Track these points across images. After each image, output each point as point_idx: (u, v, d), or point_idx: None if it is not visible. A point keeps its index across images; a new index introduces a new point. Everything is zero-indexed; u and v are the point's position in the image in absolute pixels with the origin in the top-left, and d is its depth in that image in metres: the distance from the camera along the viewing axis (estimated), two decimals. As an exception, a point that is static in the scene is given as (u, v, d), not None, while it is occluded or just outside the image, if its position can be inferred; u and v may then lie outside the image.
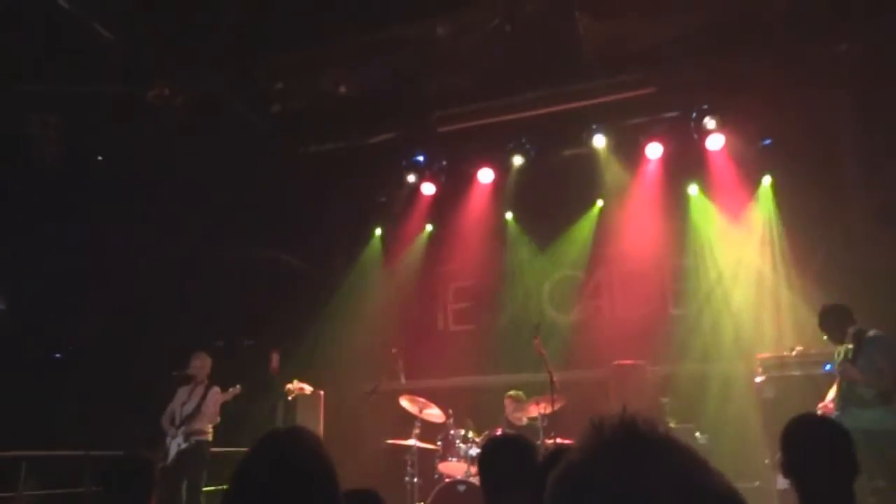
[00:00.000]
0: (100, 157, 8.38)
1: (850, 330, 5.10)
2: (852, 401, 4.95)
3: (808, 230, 7.78)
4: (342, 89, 8.08)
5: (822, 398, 5.39)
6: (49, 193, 7.68)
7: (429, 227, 9.94)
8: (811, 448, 2.31)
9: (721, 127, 7.99)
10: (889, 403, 4.87)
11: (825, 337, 5.42)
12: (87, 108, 7.33)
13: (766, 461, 5.94)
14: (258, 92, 8.06)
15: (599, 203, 9.16)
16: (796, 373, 6.11)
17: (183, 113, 7.56)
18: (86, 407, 7.42)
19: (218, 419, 6.63)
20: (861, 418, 4.75)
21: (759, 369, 6.46)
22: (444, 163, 9.24)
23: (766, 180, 8.34)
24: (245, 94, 7.99)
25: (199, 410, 6.51)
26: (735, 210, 8.27)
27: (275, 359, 8.25)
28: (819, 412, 5.30)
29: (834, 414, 5.02)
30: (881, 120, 7.38)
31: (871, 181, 7.62)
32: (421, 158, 9.16)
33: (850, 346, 5.14)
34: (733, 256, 8.38)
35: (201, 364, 6.78)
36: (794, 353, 6.44)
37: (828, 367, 5.45)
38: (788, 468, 2.33)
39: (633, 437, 0.81)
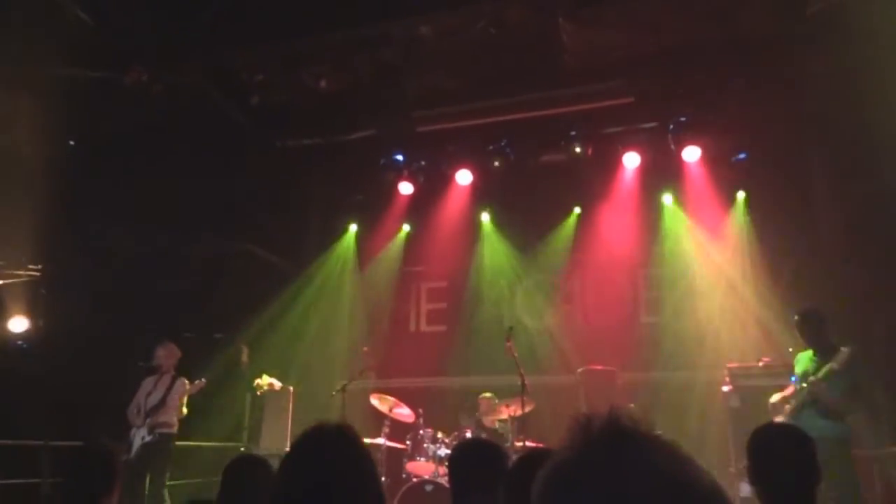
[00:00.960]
0: (71, 143, 8.20)
1: (844, 349, 5.15)
2: (811, 406, 5.05)
3: (779, 243, 7.94)
4: (323, 84, 8.02)
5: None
6: (15, 177, 7.50)
7: (406, 228, 9.91)
8: (777, 455, 2.34)
9: (697, 139, 8.11)
10: (842, 419, 4.99)
11: (792, 347, 5.50)
12: (61, 92, 7.17)
13: (731, 469, 6.04)
14: (238, 83, 7.97)
15: (577, 210, 9.23)
16: (763, 383, 6.20)
17: (160, 101, 7.45)
18: (47, 398, 7.25)
19: (184, 411, 6.53)
20: (815, 425, 4.87)
21: (727, 378, 6.56)
22: (423, 163, 9.23)
23: (741, 195, 8.49)
24: (224, 84, 7.89)
25: (165, 402, 6.40)
26: (709, 221, 8.40)
27: (244, 353, 8.15)
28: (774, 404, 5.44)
29: (788, 415, 5.11)
30: (848, 140, 7.56)
31: (839, 198, 7.80)
32: (400, 157, 9.13)
33: (814, 355, 5.25)
34: (705, 267, 8.52)
35: (166, 354, 6.67)
36: (761, 363, 6.56)
37: (794, 378, 5.54)
38: (754, 475, 2.37)
39: (620, 435, 0.82)
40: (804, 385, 5.13)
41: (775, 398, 5.53)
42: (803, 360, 5.38)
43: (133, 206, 7.91)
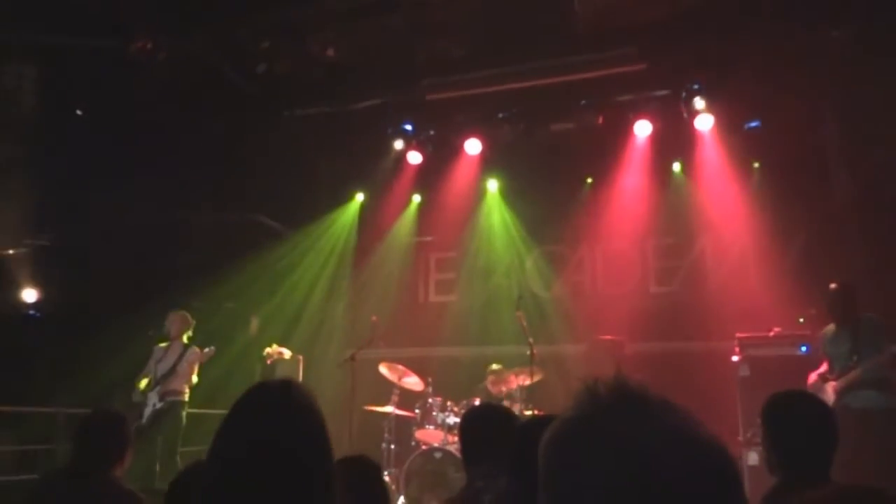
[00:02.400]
0: (79, 112, 8.17)
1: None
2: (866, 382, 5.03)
3: (791, 213, 7.84)
4: (330, 52, 7.92)
5: (804, 377, 5.48)
6: (24, 147, 7.49)
7: (416, 198, 9.86)
8: (795, 422, 2.32)
9: (710, 107, 7.97)
10: (885, 388, 5.00)
11: (801, 320, 5.48)
12: (67, 61, 7.12)
13: (740, 438, 6.05)
14: (244, 51, 7.88)
15: (589, 180, 9.14)
16: (772, 353, 6.18)
17: (165, 69, 7.39)
18: (61, 366, 7.35)
19: (195, 380, 6.59)
20: (871, 399, 4.94)
21: (737, 348, 6.54)
22: (432, 132, 9.14)
23: (755, 165, 8.37)
24: (230, 53, 7.80)
25: (175, 370, 6.47)
26: (720, 191, 8.29)
27: (254, 322, 8.21)
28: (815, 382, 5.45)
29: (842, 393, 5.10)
30: (865, 108, 7.41)
31: (853, 167, 7.67)
32: (408, 127, 9.04)
33: (837, 328, 5.23)
34: (715, 237, 8.45)
35: (177, 322, 6.71)
36: (771, 333, 6.53)
37: (804, 348, 5.52)
38: (771, 442, 2.34)
39: (627, 397, 0.82)
40: (855, 358, 5.09)
41: (813, 378, 5.49)
42: (833, 337, 5.33)
43: (141, 176, 7.90)
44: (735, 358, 6.56)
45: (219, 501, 1.39)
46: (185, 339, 6.71)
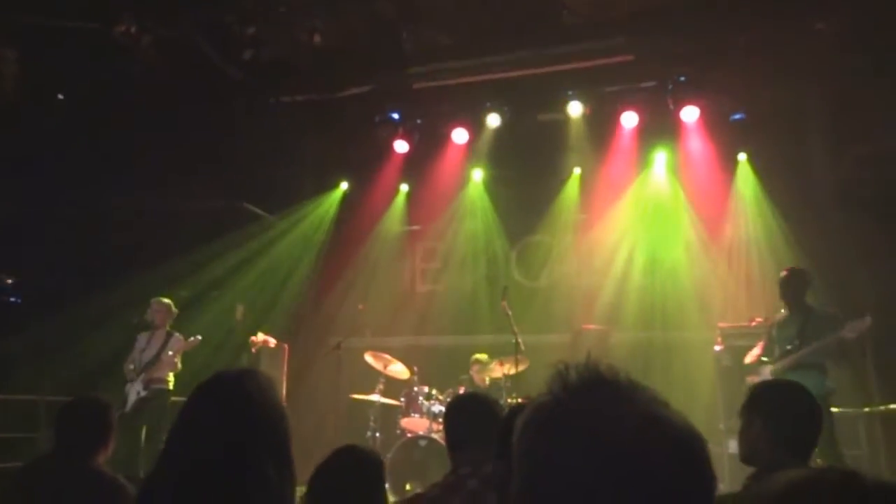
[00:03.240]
0: (60, 96, 8.05)
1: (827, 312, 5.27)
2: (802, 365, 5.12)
3: (775, 204, 7.94)
4: (317, 39, 7.85)
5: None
6: (3, 132, 7.37)
7: (404, 187, 9.84)
8: (786, 411, 2.33)
9: (696, 99, 8.02)
10: (821, 373, 5.08)
11: (783, 308, 5.55)
12: (48, 44, 7.00)
13: (721, 426, 6.13)
14: (230, 37, 7.79)
15: (577, 171, 9.16)
16: (753, 342, 6.26)
17: (150, 54, 7.30)
18: (42, 353, 7.28)
19: (178, 367, 6.56)
20: (806, 383, 4.94)
21: (719, 338, 6.62)
22: (419, 121, 9.12)
23: (742, 156, 8.43)
24: (216, 38, 7.72)
25: (159, 358, 6.43)
26: (704, 182, 8.36)
27: (239, 310, 8.16)
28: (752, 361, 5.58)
29: (774, 368, 5.20)
30: (848, 102, 7.49)
31: (836, 160, 7.76)
32: (395, 115, 9.01)
33: (790, 315, 5.34)
34: (700, 228, 8.52)
35: (160, 310, 6.66)
36: (753, 323, 6.61)
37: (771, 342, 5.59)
38: (757, 432, 2.32)
39: (597, 381, 0.85)
40: (797, 342, 5.18)
41: (749, 359, 5.63)
42: (784, 323, 5.43)
43: (124, 161, 7.81)
44: (717, 347, 6.65)
45: (176, 491, 1.39)
46: (168, 326, 6.67)
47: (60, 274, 7.55)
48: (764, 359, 5.50)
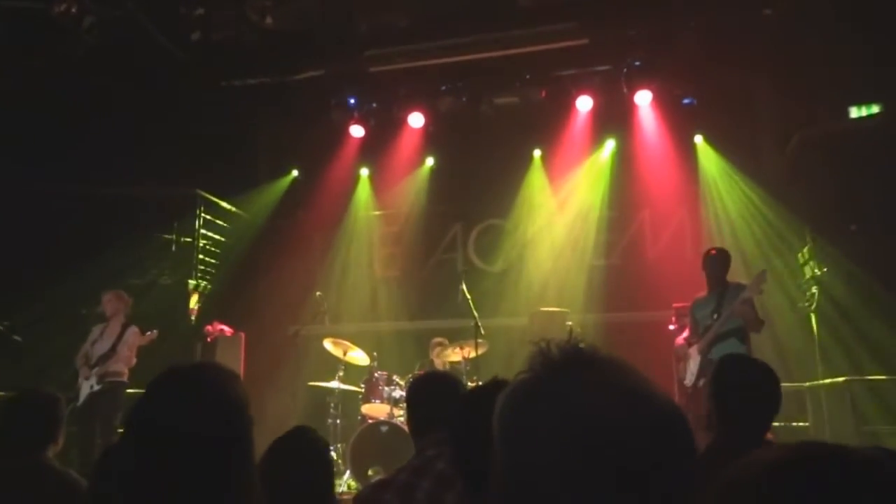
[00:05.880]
0: (-2, 79, 7.69)
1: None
2: (725, 336, 5.27)
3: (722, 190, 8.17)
4: (268, 21, 7.67)
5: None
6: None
7: (364, 172, 9.73)
8: (736, 385, 2.37)
9: (649, 83, 8.13)
10: (740, 337, 5.25)
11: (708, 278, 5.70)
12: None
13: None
14: (177, 17, 7.55)
15: (536, 153, 9.20)
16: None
17: (93, 35, 7.01)
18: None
19: (133, 361, 6.37)
20: (718, 349, 5.14)
21: (674, 318, 6.76)
22: (374, 105, 9.02)
23: (698, 139, 8.59)
24: (162, 18, 7.46)
25: (115, 351, 6.23)
26: (659, 165, 8.50)
27: (194, 298, 7.98)
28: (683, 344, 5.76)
29: (703, 349, 5.34)
30: (794, 87, 7.71)
31: (782, 143, 7.99)
32: (351, 100, 8.88)
33: (707, 293, 5.52)
34: (654, 210, 8.68)
35: (112, 301, 6.45)
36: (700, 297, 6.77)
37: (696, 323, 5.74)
38: (728, 412, 2.33)
39: (579, 358, 0.84)
40: (716, 317, 5.33)
41: (679, 341, 5.78)
42: (702, 302, 5.57)
43: (69, 147, 7.52)
44: (672, 327, 6.79)
45: (132, 487, 1.34)
46: (123, 317, 6.46)
47: (4, 263, 7.24)
48: (692, 339, 5.66)
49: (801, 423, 6.90)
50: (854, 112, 7.57)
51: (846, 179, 7.15)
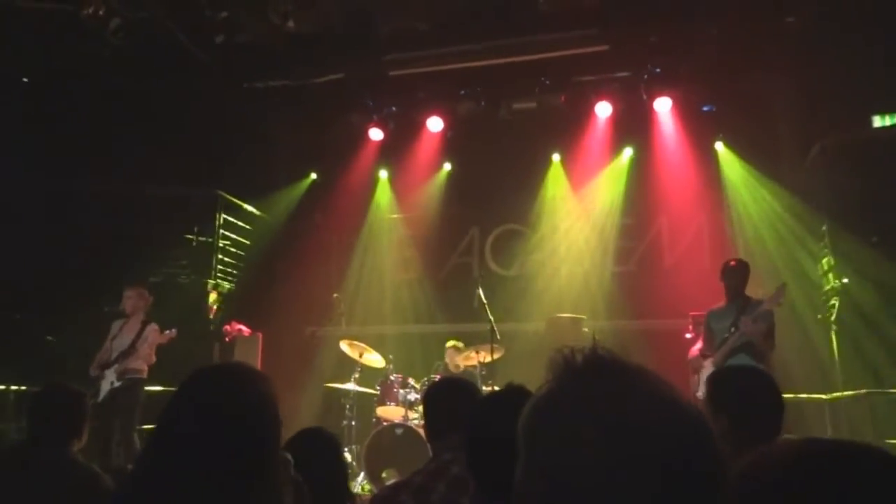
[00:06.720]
0: (25, 80, 7.84)
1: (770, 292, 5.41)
2: (741, 350, 5.24)
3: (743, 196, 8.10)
4: (290, 24, 7.75)
5: None
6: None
7: (383, 174, 9.78)
8: (752, 396, 2.36)
9: (669, 90, 8.10)
10: (752, 353, 5.19)
11: (752, 296, 5.66)
12: (12, 24, 6.80)
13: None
14: (201, 20, 7.65)
15: (556, 157, 9.19)
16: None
17: (119, 37, 7.13)
18: (10, 342, 7.11)
19: (153, 359, 6.45)
20: (731, 363, 5.11)
21: (690, 326, 6.72)
22: (394, 108, 9.06)
23: (719, 145, 8.54)
24: (187, 21, 7.56)
25: (134, 348, 6.31)
26: (677, 172, 8.45)
27: (214, 298, 8.07)
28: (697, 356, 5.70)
29: (719, 362, 5.30)
30: (816, 95, 7.63)
31: (804, 153, 7.91)
32: (370, 103, 8.94)
33: (725, 305, 5.48)
34: (672, 217, 8.64)
35: (134, 297, 6.54)
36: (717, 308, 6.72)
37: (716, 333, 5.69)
38: (736, 422, 2.32)
39: (603, 365, 0.84)
40: (733, 330, 5.29)
41: (693, 353, 5.74)
42: (719, 314, 5.52)
43: (94, 146, 7.64)
44: (688, 335, 6.75)
45: (162, 486, 1.37)
46: (142, 315, 6.55)
47: (28, 261, 7.37)
48: (707, 352, 5.61)
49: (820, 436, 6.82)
50: (877, 121, 7.49)
51: (868, 189, 7.07)
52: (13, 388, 6.43)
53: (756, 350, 5.22)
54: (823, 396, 6.93)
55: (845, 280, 6.83)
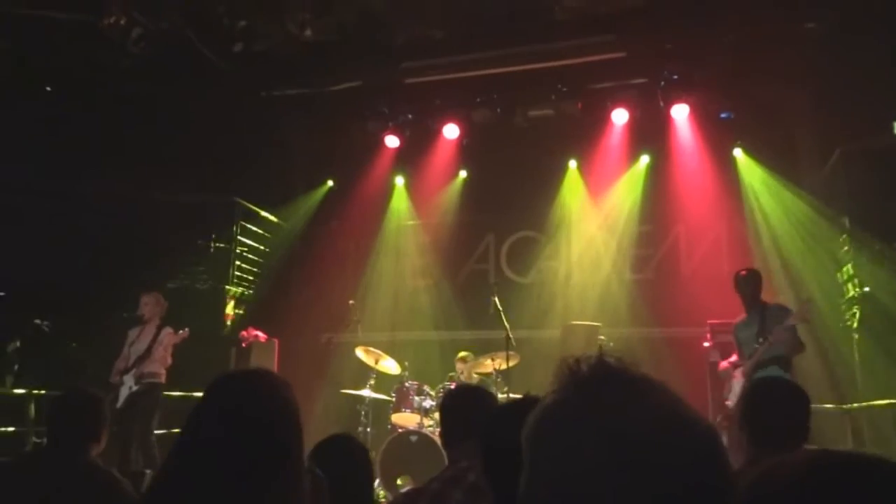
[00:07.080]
0: (48, 88, 7.97)
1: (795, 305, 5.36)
2: (770, 362, 5.22)
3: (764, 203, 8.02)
4: (307, 33, 7.82)
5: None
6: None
7: (399, 181, 9.82)
8: (777, 408, 2.35)
9: (686, 97, 8.06)
10: (783, 364, 5.18)
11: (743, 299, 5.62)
12: (36, 35, 6.93)
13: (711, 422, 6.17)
14: (220, 29, 7.74)
15: (572, 164, 9.17)
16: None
17: (140, 46, 7.23)
18: (30, 347, 7.20)
19: (169, 362, 6.51)
20: (762, 374, 5.05)
21: (709, 334, 6.67)
22: (410, 116, 9.10)
23: (737, 152, 8.47)
24: (206, 30, 7.66)
25: (151, 352, 6.38)
26: (695, 179, 8.40)
27: (230, 304, 8.13)
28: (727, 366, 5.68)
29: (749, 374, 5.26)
30: (836, 102, 7.55)
31: (824, 159, 7.83)
32: (386, 110, 8.99)
33: (746, 315, 5.46)
34: (690, 225, 8.57)
35: (150, 303, 6.61)
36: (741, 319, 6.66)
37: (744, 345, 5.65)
38: (755, 428, 2.31)
39: (610, 375, 0.83)
40: (761, 340, 5.25)
41: (724, 365, 5.71)
42: (744, 324, 5.52)
43: (113, 154, 7.74)
44: (706, 344, 6.70)
45: (188, 488, 1.38)
46: (158, 320, 6.61)
47: (47, 267, 7.47)
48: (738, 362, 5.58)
49: (841, 448, 6.71)
50: (898, 128, 7.40)
51: (889, 195, 6.97)
52: (34, 392, 6.50)
53: (784, 361, 5.19)
54: (844, 406, 6.83)
55: (867, 289, 6.73)
